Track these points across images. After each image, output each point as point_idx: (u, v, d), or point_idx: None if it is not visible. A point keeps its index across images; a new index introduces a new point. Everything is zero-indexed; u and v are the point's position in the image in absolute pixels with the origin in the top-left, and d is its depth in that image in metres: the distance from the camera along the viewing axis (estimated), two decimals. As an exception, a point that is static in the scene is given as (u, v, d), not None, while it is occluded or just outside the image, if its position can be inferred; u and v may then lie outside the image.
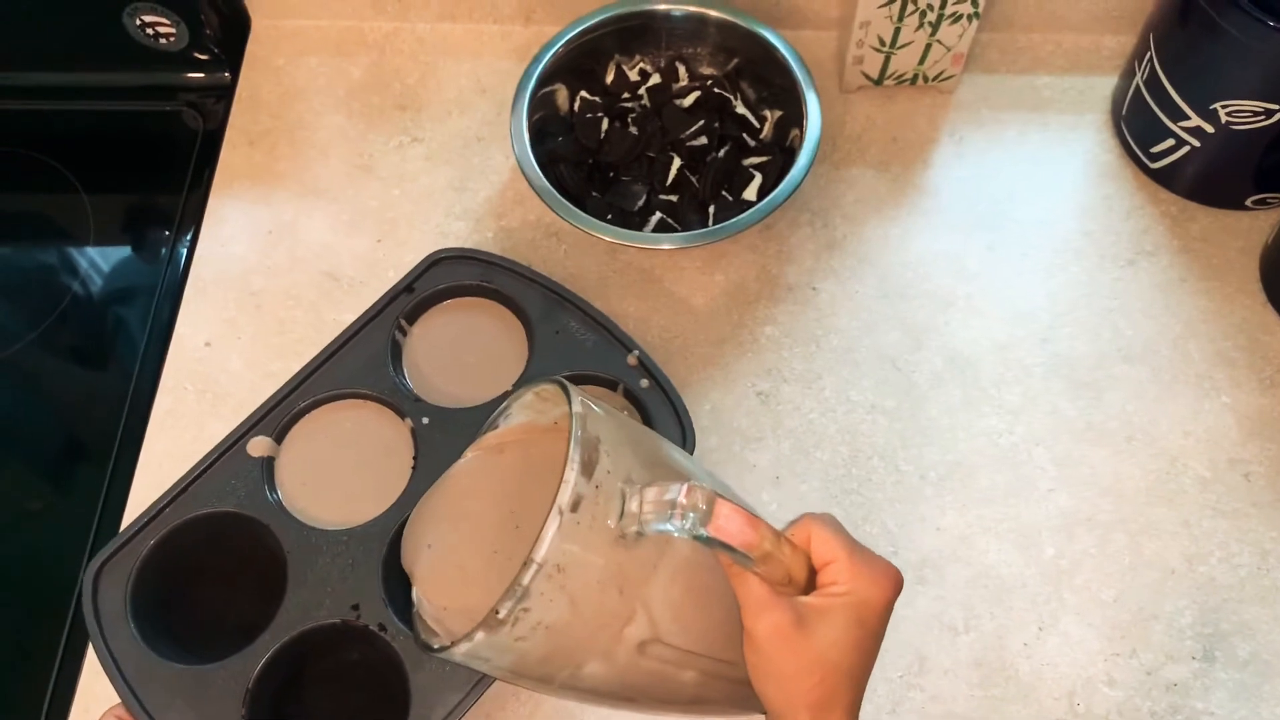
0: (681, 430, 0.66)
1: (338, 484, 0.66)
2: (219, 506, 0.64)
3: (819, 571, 0.44)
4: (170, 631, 0.62)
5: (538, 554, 0.40)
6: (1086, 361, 0.74)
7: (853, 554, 0.44)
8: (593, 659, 0.43)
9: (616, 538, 0.41)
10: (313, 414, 0.68)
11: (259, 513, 0.64)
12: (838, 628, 0.42)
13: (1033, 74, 0.86)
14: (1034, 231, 0.79)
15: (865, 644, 0.43)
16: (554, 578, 0.40)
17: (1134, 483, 0.70)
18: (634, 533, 0.42)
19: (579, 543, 0.41)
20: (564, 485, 0.40)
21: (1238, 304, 0.76)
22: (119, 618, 0.60)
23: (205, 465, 0.64)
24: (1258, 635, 0.65)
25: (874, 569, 0.44)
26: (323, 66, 0.88)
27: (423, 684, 0.58)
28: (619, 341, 0.69)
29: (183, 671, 0.59)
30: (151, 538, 0.62)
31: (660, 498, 0.41)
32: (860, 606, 0.43)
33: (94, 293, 0.82)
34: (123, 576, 0.61)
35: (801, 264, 0.78)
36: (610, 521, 0.41)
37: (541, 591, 0.40)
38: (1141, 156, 0.80)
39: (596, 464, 0.41)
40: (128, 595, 0.61)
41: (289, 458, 0.66)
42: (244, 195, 0.82)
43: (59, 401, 0.80)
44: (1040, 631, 0.65)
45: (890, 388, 0.73)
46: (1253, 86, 0.69)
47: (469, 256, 0.71)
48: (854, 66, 0.82)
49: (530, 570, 0.40)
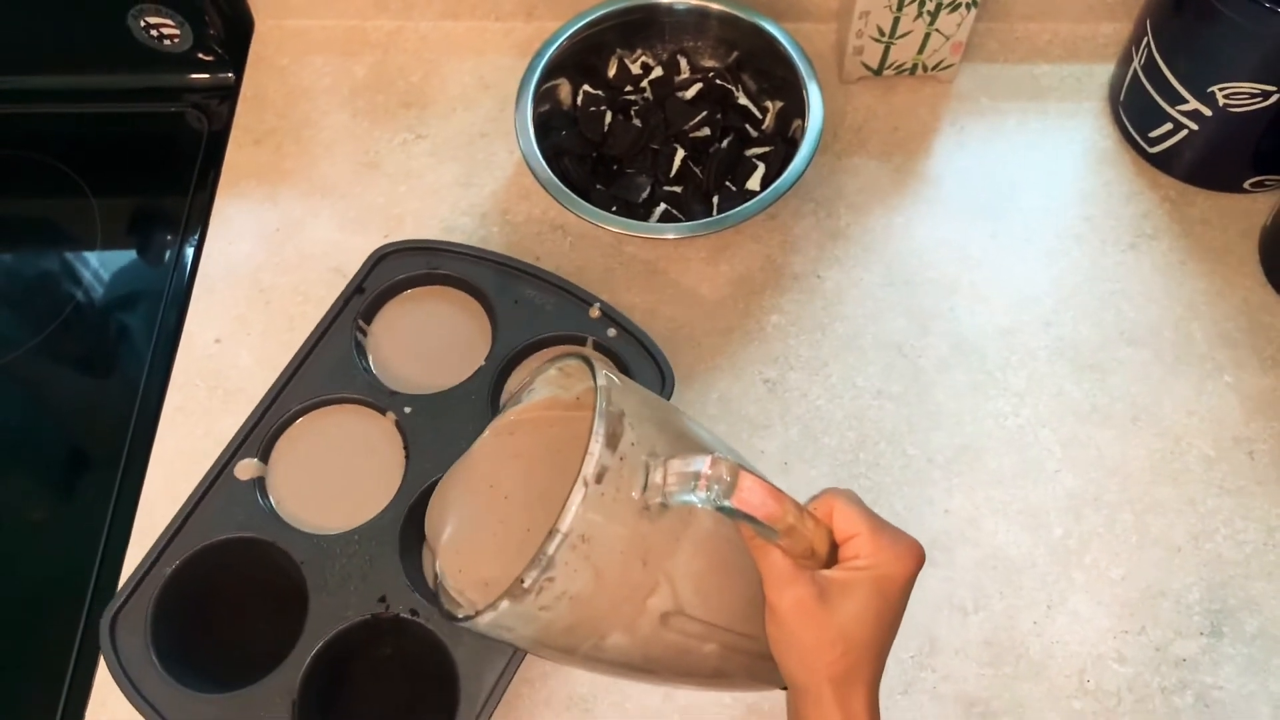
0: (659, 371, 0.67)
1: (333, 489, 0.66)
2: (221, 535, 0.63)
3: (841, 545, 0.45)
4: (199, 665, 0.62)
5: (563, 524, 0.40)
6: (1090, 344, 0.75)
7: (875, 528, 0.44)
8: (616, 630, 0.44)
9: (640, 509, 0.42)
10: (292, 428, 0.68)
11: (262, 532, 0.64)
12: (860, 601, 0.43)
13: (1031, 63, 0.87)
14: (1036, 218, 0.80)
15: (887, 617, 0.44)
16: (578, 548, 0.41)
17: (1139, 463, 0.70)
18: (658, 504, 0.42)
19: (603, 513, 0.41)
20: (589, 457, 0.41)
21: (1238, 285, 0.77)
22: (144, 663, 0.60)
23: (198, 498, 0.64)
24: (1264, 610, 0.66)
25: (896, 543, 0.44)
26: (327, 66, 0.88)
27: (465, 656, 0.59)
28: (578, 298, 0.70)
29: (225, 699, 0.59)
30: (159, 579, 0.62)
31: (684, 469, 0.41)
32: (882, 580, 0.43)
33: (100, 298, 0.82)
34: (139, 622, 0.61)
35: (806, 253, 0.78)
36: (634, 493, 0.42)
37: (566, 561, 0.41)
38: (1140, 141, 0.81)
39: (621, 436, 0.42)
40: (148, 640, 0.60)
41: (279, 474, 0.67)
42: (251, 194, 0.83)
43: (65, 409, 0.79)
44: (1050, 610, 0.66)
45: (897, 373, 0.74)
46: (1250, 69, 0.70)
47: (413, 247, 0.72)
48: (854, 57, 0.82)
49: (555, 540, 0.40)
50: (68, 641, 0.68)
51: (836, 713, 0.43)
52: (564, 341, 0.70)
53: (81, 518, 0.73)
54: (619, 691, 0.64)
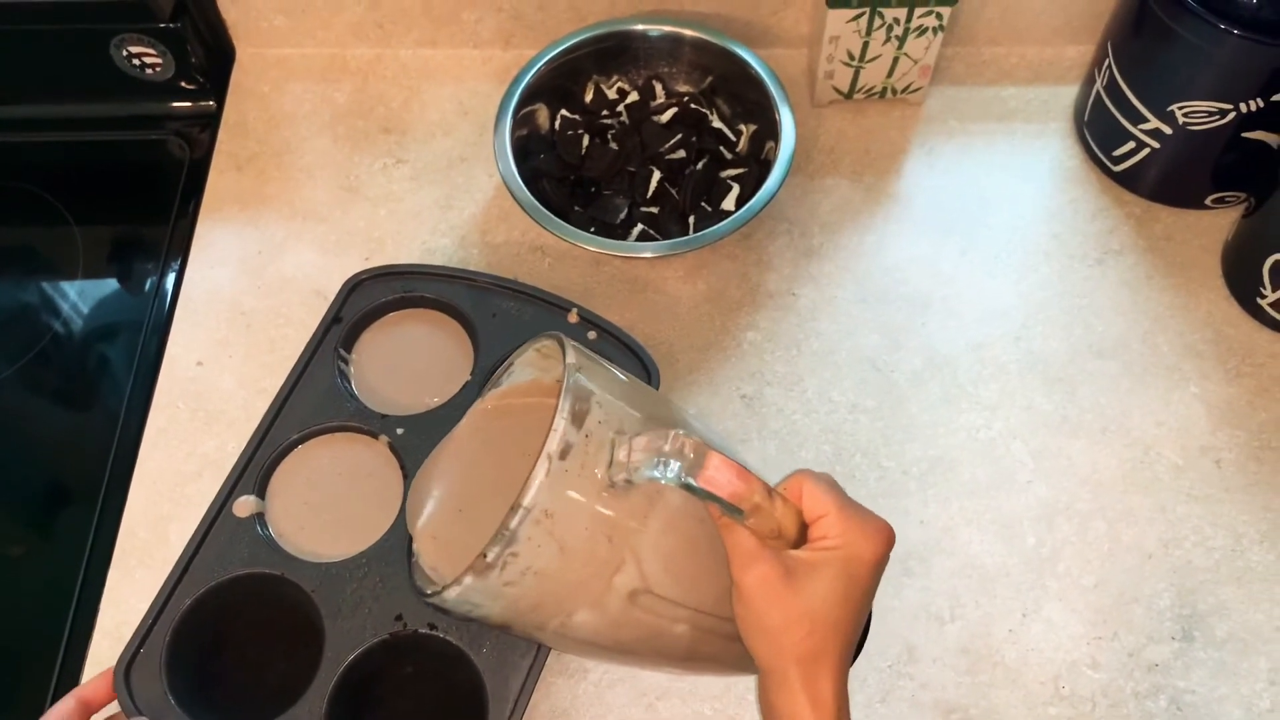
0: (644, 366, 0.68)
1: (334, 517, 0.66)
2: (227, 574, 0.63)
3: (809, 526, 0.44)
4: (219, 705, 0.62)
5: (525, 498, 0.41)
6: (1060, 357, 0.76)
7: (844, 508, 0.44)
8: (583, 607, 0.44)
9: (605, 486, 0.42)
10: (285, 461, 0.68)
11: (269, 566, 0.63)
12: (826, 581, 0.43)
13: (998, 85, 0.89)
14: (1004, 235, 0.82)
15: (854, 598, 0.44)
16: (542, 523, 0.41)
17: (1110, 472, 0.72)
18: (623, 481, 0.42)
19: (567, 488, 0.41)
20: (552, 432, 0.41)
21: (1202, 299, 0.78)
22: (163, 708, 0.59)
23: (199, 540, 0.64)
24: (1234, 614, 0.67)
25: (865, 523, 0.44)
26: (308, 93, 0.90)
27: (487, 662, 0.59)
28: (555, 305, 0.71)
29: None
30: (170, 623, 0.61)
31: (649, 446, 0.42)
32: (850, 561, 0.43)
33: (81, 327, 0.82)
34: (154, 670, 0.60)
35: (781, 271, 0.80)
36: (599, 470, 0.42)
37: (529, 536, 0.41)
38: (1105, 160, 0.83)
39: (588, 414, 0.42)
40: (165, 686, 0.60)
41: (278, 508, 0.67)
42: (233, 218, 0.83)
43: (45, 439, 0.79)
44: (1024, 618, 0.67)
45: (871, 388, 0.75)
46: (1206, 88, 0.72)
47: (386, 273, 0.73)
48: (825, 81, 0.84)
49: (518, 515, 0.41)
50: (44, 678, 0.68)
51: (802, 694, 0.42)
52: None
53: (60, 553, 0.73)
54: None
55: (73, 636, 0.69)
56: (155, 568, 0.67)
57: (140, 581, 0.69)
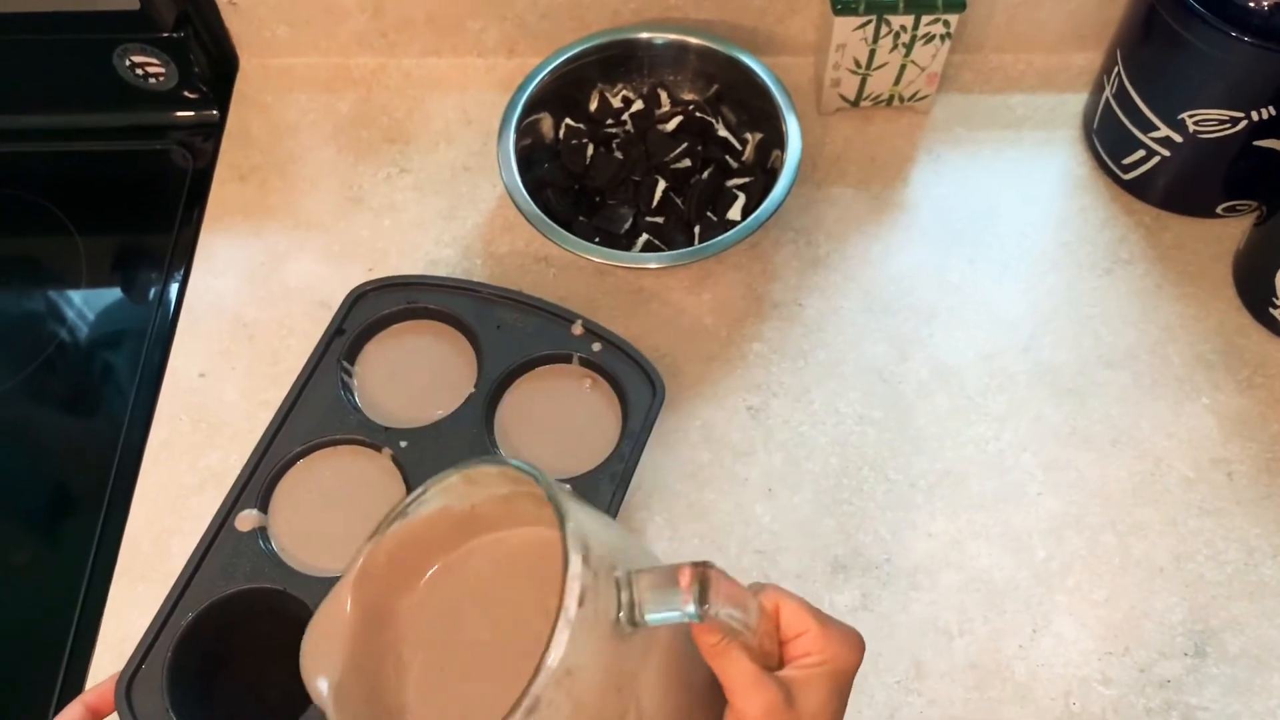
0: (649, 381, 0.68)
1: (337, 531, 0.66)
2: (229, 589, 0.63)
3: (788, 643, 0.43)
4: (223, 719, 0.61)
5: (551, 658, 0.35)
6: (1069, 368, 0.75)
7: (823, 623, 0.43)
8: None
9: (615, 632, 0.38)
10: (288, 475, 0.67)
11: (272, 581, 0.63)
12: (820, 699, 0.42)
13: (1006, 93, 0.88)
14: (1013, 244, 0.81)
15: (840, 710, 0.43)
16: (563, 683, 0.36)
17: (1120, 485, 0.71)
18: (631, 624, 0.38)
19: (587, 641, 0.37)
20: (570, 580, 0.36)
21: (1213, 309, 0.78)
22: None
23: (200, 555, 0.63)
24: (1247, 630, 0.66)
25: (845, 636, 0.43)
26: (311, 103, 0.89)
27: None
28: (560, 317, 0.70)
29: None
30: (171, 639, 0.61)
31: (657, 584, 0.38)
32: (837, 675, 0.43)
33: (85, 336, 0.82)
34: (155, 685, 0.59)
35: (787, 281, 0.79)
36: (611, 615, 0.38)
37: (551, 700, 0.36)
38: (1114, 168, 0.82)
39: (590, 554, 0.37)
40: (167, 703, 0.59)
41: (280, 522, 0.66)
42: (235, 229, 0.83)
43: (48, 448, 0.79)
44: (1034, 633, 0.66)
45: (878, 399, 0.74)
46: (1217, 95, 0.71)
47: (390, 284, 0.72)
48: (831, 89, 0.84)
49: (542, 676, 0.35)
50: (47, 690, 0.67)
51: None
52: (549, 360, 0.70)
53: (63, 560, 0.72)
54: None
55: (75, 648, 0.68)
56: (157, 581, 0.66)
57: (142, 595, 0.68)
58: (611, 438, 0.68)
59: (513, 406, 0.70)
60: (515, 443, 0.69)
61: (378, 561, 0.45)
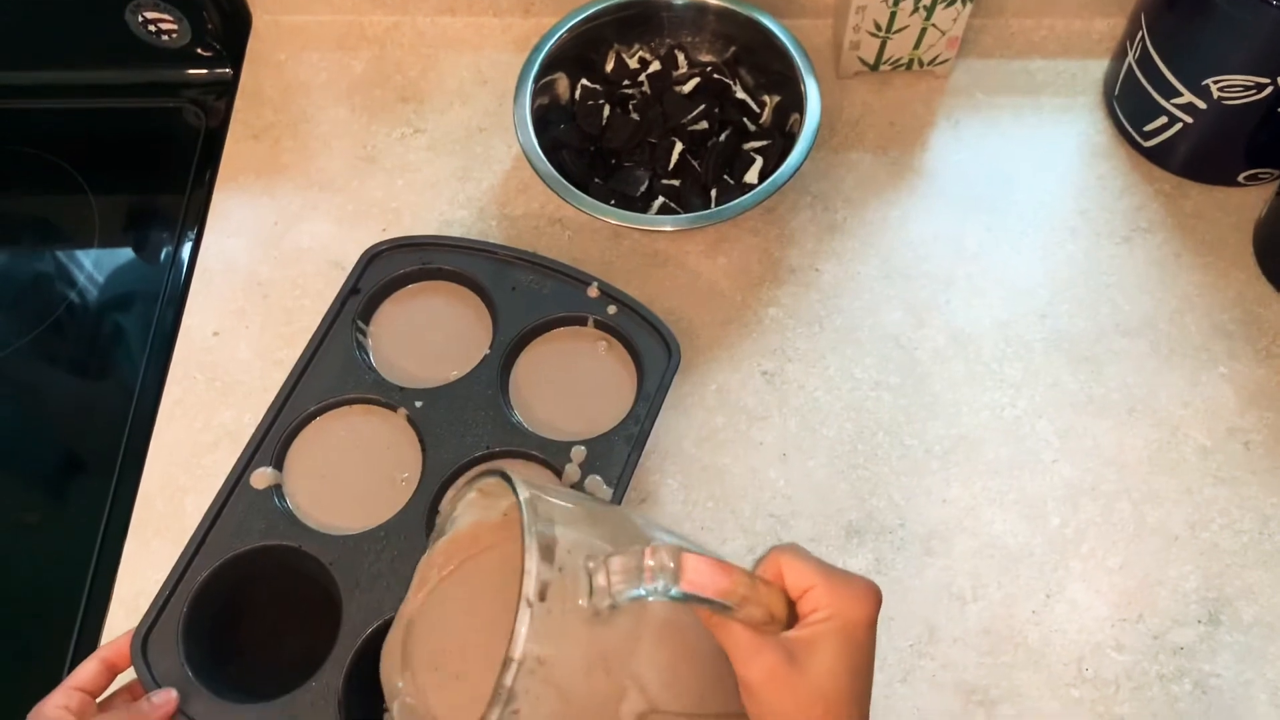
0: (664, 343, 0.68)
1: (351, 490, 0.66)
2: (244, 545, 0.63)
3: (797, 602, 0.43)
4: (237, 677, 0.61)
5: (514, 650, 0.38)
6: (1086, 336, 0.75)
7: (828, 577, 0.42)
8: None
9: (590, 616, 0.40)
10: (303, 433, 0.67)
11: (287, 538, 0.63)
12: (830, 655, 0.41)
13: (1026, 58, 0.87)
14: (1031, 211, 0.80)
15: (860, 664, 0.42)
16: (536, 672, 0.38)
17: (1136, 453, 0.71)
18: (607, 607, 0.40)
19: (554, 630, 0.39)
20: (526, 575, 0.39)
21: (1232, 278, 0.77)
22: (182, 679, 0.59)
23: (216, 511, 0.63)
24: (1261, 599, 0.66)
25: (852, 587, 0.42)
26: (324, 61, 0.88)
27: None
28: (575, 279, 0.70)
29: (269, 706, 0.58)
30: (186, 595, 0.61)
31: (626, 565, 0.40)
32: (848, 627, 0.42)
33: (96, 297, 0.82)
34: (170, 641, 0.60)
35: (804, 246, 0.79)
36: (581, 601, 0.40)
37: (527, 689, 0.38)
38: (1135, 135, 0.81)
39: (556, 545, 0.40)
40: (182, 658, 0.60)
41: (295, 480, 0.66)
42: (249, 188, 0.83)
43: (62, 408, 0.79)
44: (1048, 599, 0.66)
45: (894, 365, 0.74)
46: (1243, 61, 0.70)
47: (404, 244, 0.72)
48: (850, 52, 0.83)
49: (510, 670, 0.38)
50: (61, 647, 0.68)
51: None
52: (564, 323, 0.70)
53: (76, 520, 0.72)
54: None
55: (89, 606, 0.69)
56: (172, 539, 0.67)
57: (157, 553, 0.69)
58: (626, 400, 0.68)
59: (527, 368, 0.70)
60: (530, 404, 0.68)
61: (429, 583, 0.49)
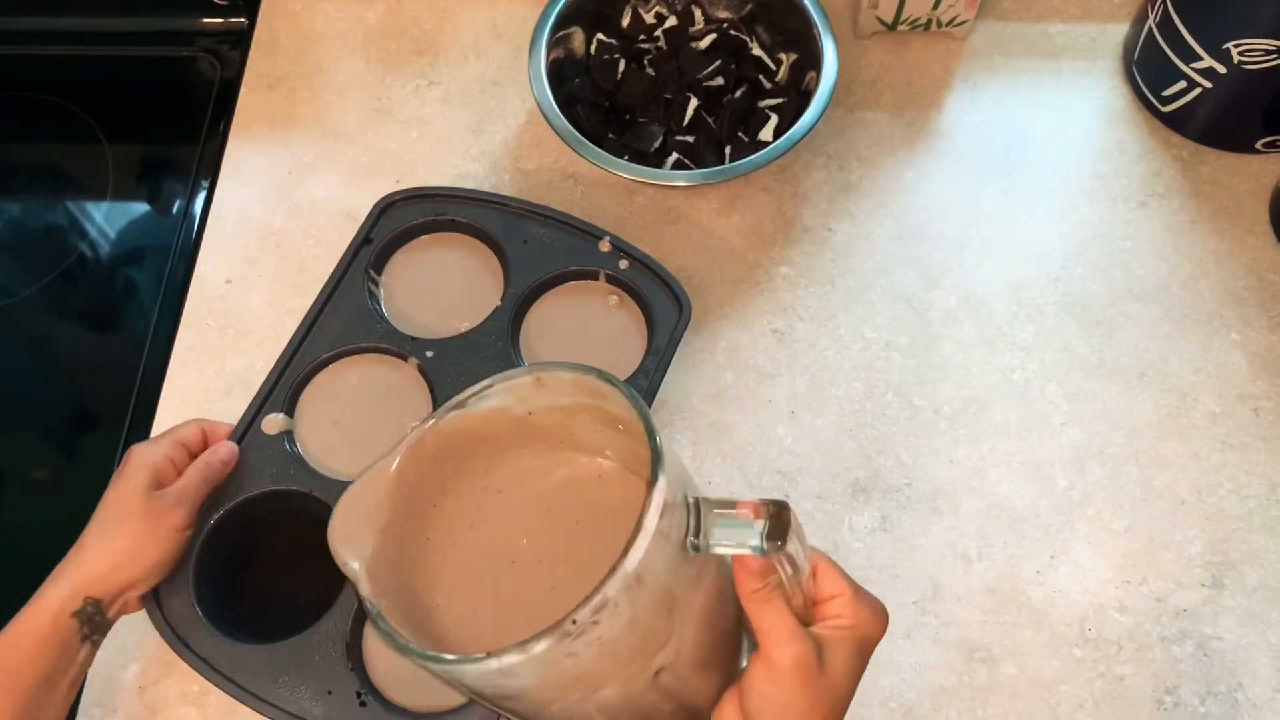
0: (676, 299, 0.68)
1: (361, 437, 0.66)
2: (254, 490, 0.64)
3: (820, 604, 0.44)
4: (247, 619, 0.62)
5: (629, 562, 0.36)
6: (1099, 300, 0.75)
7: (856, 591, 0.44)
8: (615, 684, 0.40)
9: (679, 553, 0.38)
10: (315, 380, 0.68)
11: (297, 484, 0.64)
12: (845, 661, 0.42)
13: (1046, 21, 0.87)
14: (1047, 175, 0.80)
15: (859, 675, 0.44)
16: (631, 589, 0.36)
17: (1145, 417, 0.71)
18: (695, 548, 0.39)
19: (656, 555, 0.37)
20: (655, 490, 0.37)
21: (1248, 245, 0.77)
22: (193, 622, 0.60)
23: None
24: (1265, 564, 0.66)
25: (873, 606, 0.44)
26: (340, 12, 0.88)
27: None
28: (587, 233, 0.70)
29: (278, 648, 0.59)
30: (197, 538, 0.62)
31: (730, 510, 0.39)
32: (863, 641, 0.43)
33: (109, 248, 0.82)
34: (182, 582, 0.61)
35: (817, 206, 0.79)
36: (679, 536, 0.38)
37: (617, 604, 0.36)
38: (1153, 100, 0.80)
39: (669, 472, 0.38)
40: (194, 600, 0.60)
41: (306, 427, 0.67)
42: (263, 137, 0.83)
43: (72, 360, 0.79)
44: (1052, 560, 0.67)
45: (905, 325, 0.74)
46: (1266, 25, 0.69)
47: (417, 195, 0.72)
48: (869, 11, 0.82)
49: (618, 577, 0.36)
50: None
51: None
52: (577, 276, 0.70)
53: (87, 474, 0.73)
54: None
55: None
56: (184, 483, 0.67)
57: (168, 496, 0.69)
58: (636, 354, 0.68)
59: (538, 320, 0.70)
60: (540, 356, 0.69)
61: (426, 447, 0.44)
